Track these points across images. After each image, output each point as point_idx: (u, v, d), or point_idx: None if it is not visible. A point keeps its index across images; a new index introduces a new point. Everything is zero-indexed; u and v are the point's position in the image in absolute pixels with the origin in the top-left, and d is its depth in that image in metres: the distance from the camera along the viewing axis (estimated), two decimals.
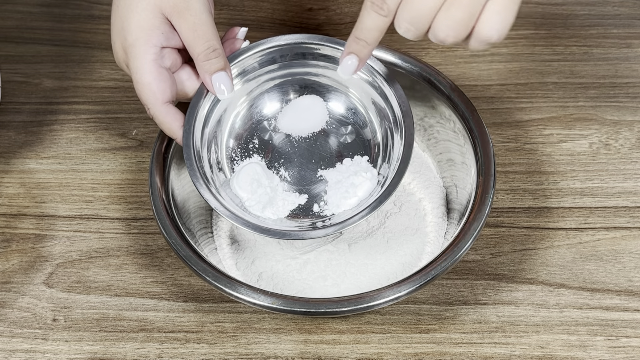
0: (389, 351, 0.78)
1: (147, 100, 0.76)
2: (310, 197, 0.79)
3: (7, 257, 0.83)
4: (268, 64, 0.80)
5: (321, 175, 0.79)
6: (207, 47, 0.75)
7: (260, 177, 0.78)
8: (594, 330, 0.78)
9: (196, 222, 0.80)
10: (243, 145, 0.80)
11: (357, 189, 0.77)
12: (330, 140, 0.80)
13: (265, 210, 0.77)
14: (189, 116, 0.77)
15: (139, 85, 0.75)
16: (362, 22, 0.70)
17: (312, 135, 0.81)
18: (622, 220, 0.84)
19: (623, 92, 0.92)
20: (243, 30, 0.80)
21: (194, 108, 0.77)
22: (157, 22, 0.75)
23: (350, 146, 0.80)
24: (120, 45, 0.77)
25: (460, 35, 0.68)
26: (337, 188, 0.78)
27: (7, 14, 0.99)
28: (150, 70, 0.75)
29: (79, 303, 0.81)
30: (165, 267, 0.83)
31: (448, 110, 0.81)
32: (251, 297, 0.73)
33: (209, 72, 0.76)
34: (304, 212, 0.78)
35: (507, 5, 0.67)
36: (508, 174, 0.87)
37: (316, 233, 0.74)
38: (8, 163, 0.89)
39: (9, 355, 0.78)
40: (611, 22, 0.96)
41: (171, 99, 0.76)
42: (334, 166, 0.79)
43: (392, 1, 0.68)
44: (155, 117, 0.76)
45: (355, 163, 0.79)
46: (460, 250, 0.74)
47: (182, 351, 0.78)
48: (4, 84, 0.93)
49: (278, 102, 0.81)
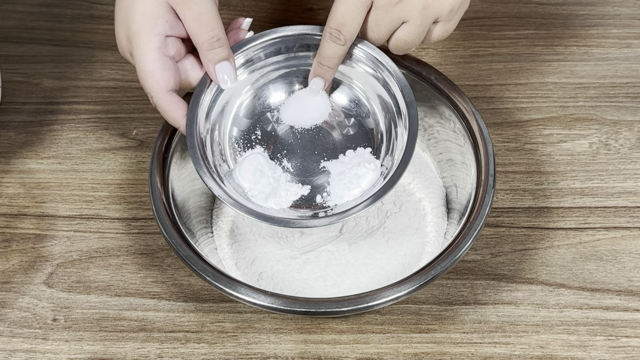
0: (389, 351, 0.78)
1: (151, 88, 0.75)
2: (313, 188, 0.78)
3: (7, 257, 0.83)
4: (273, 54, 0.80)
5: (324, 167, 0.79)
6: (211, 37, 0.75)
7: (263, 168, 0.78)
8: (594, 330, 0.78)
9: (196, 222, 0.80)
10: (246, 136, 0.80)
11: (360, 180, 0.77)
12: (333, 132, 0.80)
13: (268, 201, 0.77)
14: (193, 105, 0.77)
15: (142, 74, 0.75)
16: (323, 51, 0.78)
17: (315, 127, 0.81)
18: (622, 220, 0.84)
19: (623, 92, 0.92)
20: (248, 20, 0.80)
21: (197, 97, 0.77)
22: (162, 11, 0.75)
23: (353, 138, 0.80)
24: (124, 34, 0.76)
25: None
26: (340, 179, 0.78)
27: (7, 14, 0.99)
28: (154, 58, 0.75)
29: (79, 303, 0.81)
30: (165, 267, 0.83)
31: (448, 110, 0.81)
32: (251, 297, 0.73)
33: (213, 62, 0.76)
34: (306, 203, 0.78)
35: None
36: (508, 174, 0.87)
37: (319, 222, 0.74)
38: (8, 163, 0.89)
39: (9, 355, 0.78)
40: (611, 22, 0.96)
41: (174, 88, 0.76)
42: (337, 158, 0.79)
43: (347, 32, 0.75)
44: (158, 106, 0.76)
45: (359, 155, 0.79)
46: (460, 250, 0.74)
47: (182, 351, 0.78)
48: (4, 84, 0.93)
49: (282, 92, 0.81)
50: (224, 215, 0.83)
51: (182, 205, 0.79)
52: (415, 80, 0.82)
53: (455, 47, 0.95)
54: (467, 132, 0.80)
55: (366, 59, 0.79)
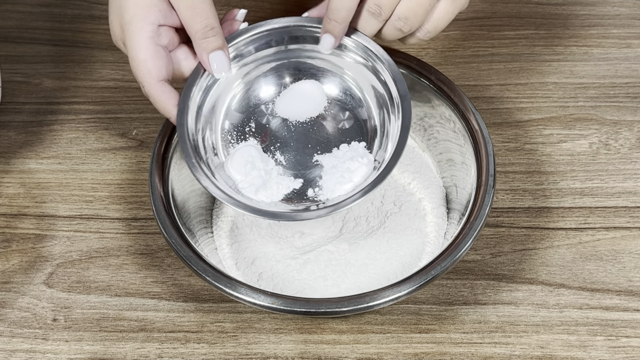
0: (389, 351, 0.78)
1: (142, 77, 0.75)
2: (305, 182, 0.78)
3: (7, 257, 0.83)
4: (265, 46, 0.79)
5: (317, 160, 0.79)
6: (205, 25, 0.75)
7: (255, 160, 0.77)
8: (594, 330, 0.78)
9: (196, 222, 0.80)
10: (239, 128, 0.80)
11: (353, 175, 0.76)
12: (327, 126, 0.80)
13: (258, 193, 0.76)
14: (184, 95, 0.76)
15: (135, 62, 0.75)
16: (331, 3, 0.75)
17: (309, 120, 0.80)
18: (622, 220, 0.84)
19: (623, 92, 0.92)
20: (242, 12, 0.80)
21: (189, 88, 0.77)
22: (155, 0, 0.75)
23: (347, 132, 0.80)
24: (117, 23, 0.76)
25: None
26: (332, 173, 0.77)
27: (7, 14, 0.99)
28: (146, 47, 0.74)
29: (79, 303, 0.81)
30: (165, 267, 0.83)
31: (448, 110, 0.81)
32: (251, 297, 0.73)
33: (207, 51, 0.76)
34: (298, 197, 0.77)
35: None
36: (508, 174, 0.87)
37: (308, 215, 0.74)
38: (8, 163, 0.89)
39: (9, 355, 0.78)
40: (611, 22, 0.96)
41: (167, 78, 0.76)
42: (331, 151, 0.79)
43: None
44: (149, 96, 0.76)
45: (352, 149, 0.78)
46: (460, 250, 0.74)
47: (182, 351, 0.78)
48: (4, 84, 0.93)
49: (274, 85, 0.81)
50: (224, 215, 0.83)
51: (182, 205, 0.79)
52: (415, 80, 0.82)
53: (455, 47, 0.95)
54: (467, 132, 0.80)
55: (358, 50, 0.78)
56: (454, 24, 0.96)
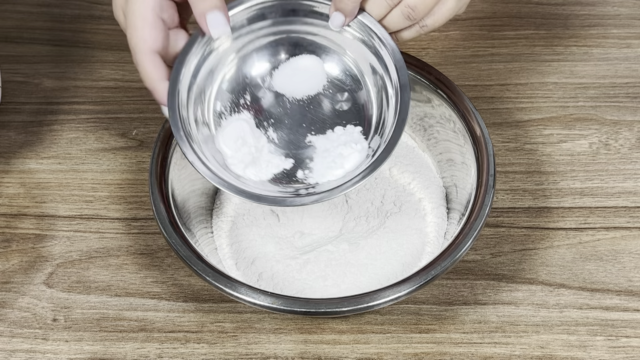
0: (389, 351, 0.78)
1: (135, 45, 0.73)
2: (295, 163, 0.76)
3: (7, 257, 0.83)
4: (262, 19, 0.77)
5: (310, 141, 0.77)
6: None
7: (246, 136, 0.76)
8: (594, 330, 0.78)
9: (196, 222, 0.80)
10: (234, 99, 0.78)
11: (345, 161, 0.74)
12: (324, 106, 0.78)
13: (246, 170, 0.75)
14: (178, 64, 0.74)
15: (131, 29, 0.73)
16: None
17: (306, 98, 0.78)
18: (622, 220, 0.84)
19: (623, 92, 0.92)
20: None
21: (184, 55, 0.75)
22: None
23: (344, 114, 0.77)
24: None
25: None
26: (324, 157, 0.75)
27: (7, 14, 0.99)
28: (146, 16, 0.73)
29: (79, 303, 0.81)
30: (165, 267, 0.83)
31: (448, 110, 0.81)
32: (251, 297, 0.73)
33: (204, 11, 0.74)
34: (287, 177, 0.75)
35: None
36: (508, 174, 0.87)
37: (291, 201, 0.72)
38: (8, 163, 0.89)
39: (9, 355, 0.78)
40: (611, 22, 0.96)
41: (160, 50, 0.74)
42: (325, 133, 0.77)
43: None
44: (138, 65, 0.74)
45: (347, 133, 0.76)
46: (460, 250, 0.74)
47: (182, 351, 0.78)
48: (4, 84, 0.93)
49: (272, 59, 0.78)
50: (224, 215, 0.83)
51: (182, 205, 0.79)
52: (415, 80, 0.82)
53: (455, 47, 0.95)
54: (467, 132, 0.80)
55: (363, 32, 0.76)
56: (454, 24, 0.97)
